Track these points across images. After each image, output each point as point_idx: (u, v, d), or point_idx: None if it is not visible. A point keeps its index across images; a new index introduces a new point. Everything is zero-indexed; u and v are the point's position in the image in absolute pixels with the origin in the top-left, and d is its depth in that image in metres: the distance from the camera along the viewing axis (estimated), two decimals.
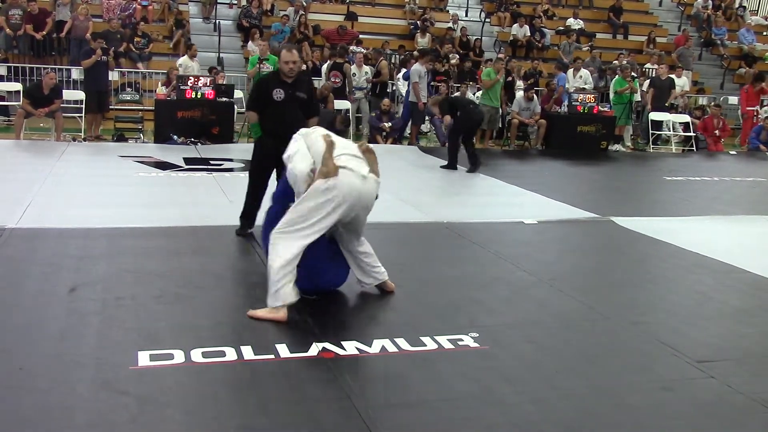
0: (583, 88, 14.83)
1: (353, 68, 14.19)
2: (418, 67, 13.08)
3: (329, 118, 10.42)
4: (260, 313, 4.24)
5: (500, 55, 16.27)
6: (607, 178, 11.42)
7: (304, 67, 13.84)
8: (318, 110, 6.36)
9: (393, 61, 16.42)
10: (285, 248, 4.25)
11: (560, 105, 14.51)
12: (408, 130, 13.84)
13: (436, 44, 17.55)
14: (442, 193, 9.09)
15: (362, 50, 15.40)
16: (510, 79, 14.67)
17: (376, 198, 4.62)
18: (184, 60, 13.71)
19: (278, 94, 5.97)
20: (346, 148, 4.55)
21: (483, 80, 13.44)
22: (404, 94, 13.97)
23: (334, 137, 4.65)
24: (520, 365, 3.87)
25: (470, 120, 10.68)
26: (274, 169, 6.06)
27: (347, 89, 13.86)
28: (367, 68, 14.17)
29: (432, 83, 14.23)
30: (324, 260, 4.60)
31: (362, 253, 4.71)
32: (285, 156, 4.65)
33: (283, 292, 4.22)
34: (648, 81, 15.42)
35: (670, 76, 15.78)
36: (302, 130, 4.80)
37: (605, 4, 21.18)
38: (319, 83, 13.82)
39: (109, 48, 12.54)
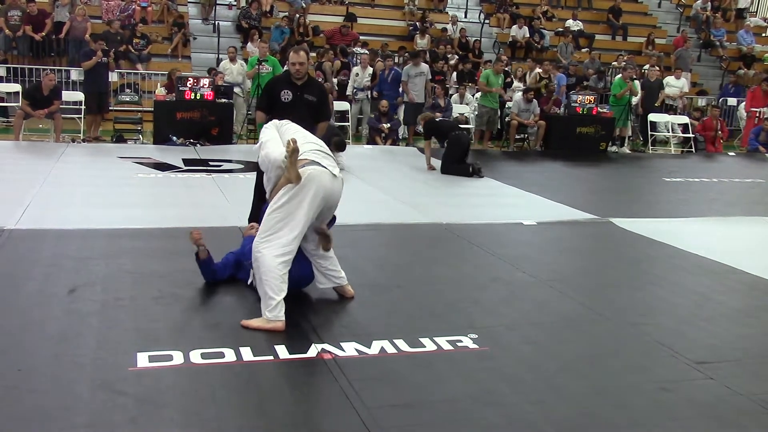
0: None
1: (357, 69, 14.20)
2: (406, 68, 13.38)
3: (329, 134, 10.40)
4: (256, 323, 4.17)
5: (503, 58, 16.26)
6: (606, 180, 11.43)
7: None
8: (329, 116, 6.30)
9: (397, 61, 16.40)
10: (270, 256, 4.18)
11: (559, 106, 14.52)
12: (403, 132, 13.86)
13: (434, 45, 17.56)
14: (441, 194, 9.09)
15: (366, 52, 15.40)
16: (508, 80, 14.68)
17: None
18: (224, 63, 13.75)
19: (286, 95, 5.93)
20: (317, 145, 4.54)
21: (480, 82, 13.44)
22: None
23: (306, 134, 4.63)
24: (519, 366, 3.87)
25: (459, 145, 10.53)
26: None
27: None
28: (370, 69, 14.17)
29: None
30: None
31: (320, 255, 4.64)
32: (257, 145, 4.65)
33: (281, 305, 4.17)
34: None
35: (669, 77, 15.76)
36: (273, 121, 4.78)
37: (604, 6, 21.18)
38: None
39: (110, 49, 12.53)
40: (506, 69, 14.60)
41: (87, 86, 12.18)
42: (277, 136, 4.57)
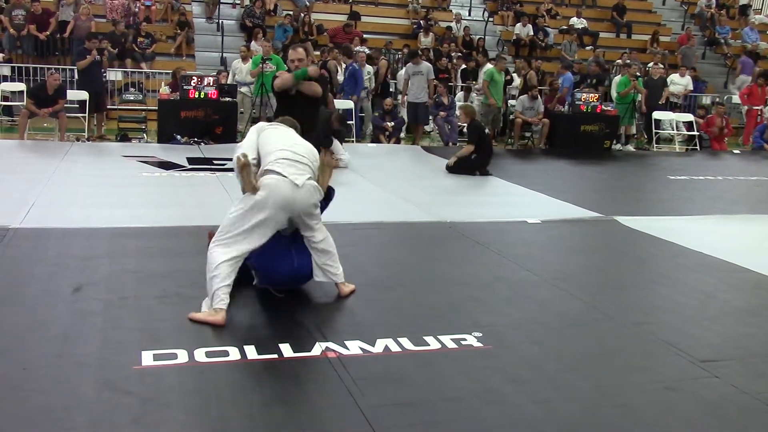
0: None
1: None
2: (406, 68, 13.37)
3: (326, 117, 10.39)
4: (199, 315, 4.21)
5: (505, 56, 16.23)
6: (611, 178, 11.40)
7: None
8: (325, 100, 6.50)
9: (400, 59, 16.42)
10: (219, 254, 4.28)
11: (563, 104, 14.49)
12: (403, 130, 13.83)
13: (438, 43, 17.56)
14: (445, 192, 9.08)
15: (366, 50, 15.39)
16: (508, 77, 14.66)
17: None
18: (236, 63, 13.77)
19: (291, 90, 6.19)
20: (289, 150, 4.51)
21: (483, 80, 13.42)
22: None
23: (283, 138, 4.63)
24: (523, 365, 3.87)
25: (488, 155, 10.36)
26: None
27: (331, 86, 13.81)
28: (369, 68, 14.15)
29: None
30: (271, 257, 4.61)
31: (318, 250, 4.65)
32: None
33: (216, 295, 4.21)
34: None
35: (673, 75, 15.70)
36: (259, 124, 4.87)
37: (608, 3, 21.14)
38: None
39: (104, 48, 12.52)
40: (506, 67, 14.60)
41: (82, 86, 12.15)
42: (254, 141, 4.61)
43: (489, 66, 13.77)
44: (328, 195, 4.85)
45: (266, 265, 4.64)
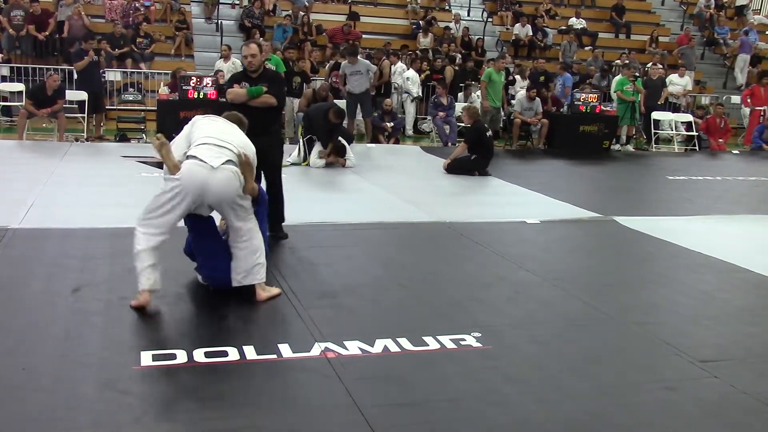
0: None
1: None
2: (343, 65, 13.19)
3: (324, 109, 10.38)
4: (134, 302, 4.37)
5: (508, 56, 16.21)
6: (610, 178, 11.40)
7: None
8: (281, 100, 6.31)
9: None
10: (141, 239, 4.39)
11: (560, 106, 14.48)
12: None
13: (437, 44, 17.57)
14: (445, 192, 9.08)
15: (366, 50, 15.38)
16: (510, 78, 14.65)
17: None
18: (218, 63, 13.73)
19: (243, 87, 6.05)
20: (214, 137, 4.49)
21: (482, 81, 13.42)
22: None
23: (220, 124, 4.65)
24: (523, 365, 3.87)
25: (487, 157, 10.31)
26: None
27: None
28: (375, 68, 14.11)
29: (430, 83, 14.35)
30: (212, 253, 4.70)
31: (241, 248, 4.57)
32: None
33: (140, 277, 4.34)
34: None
35: (672, 75, 15.70)
36: (195, 117, 4.83)
37: (607, 4, 21.14)
38: (318, 83, 13.82)
39: (102, 48, 12.50)
40: (507, 67, 14.59)
41: (80, 86, 12.14)
42: (186, 133, 4.63)
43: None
44: (260, 197, 4.79)
45: (206, 256, 4.75)
